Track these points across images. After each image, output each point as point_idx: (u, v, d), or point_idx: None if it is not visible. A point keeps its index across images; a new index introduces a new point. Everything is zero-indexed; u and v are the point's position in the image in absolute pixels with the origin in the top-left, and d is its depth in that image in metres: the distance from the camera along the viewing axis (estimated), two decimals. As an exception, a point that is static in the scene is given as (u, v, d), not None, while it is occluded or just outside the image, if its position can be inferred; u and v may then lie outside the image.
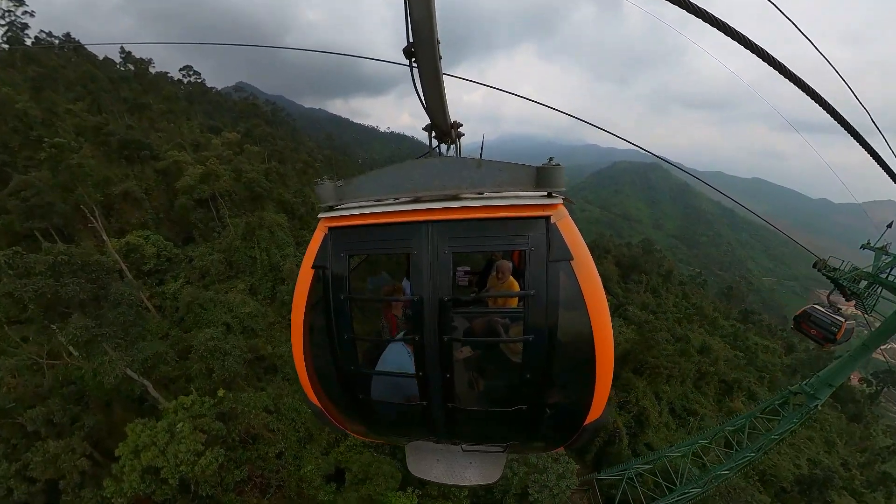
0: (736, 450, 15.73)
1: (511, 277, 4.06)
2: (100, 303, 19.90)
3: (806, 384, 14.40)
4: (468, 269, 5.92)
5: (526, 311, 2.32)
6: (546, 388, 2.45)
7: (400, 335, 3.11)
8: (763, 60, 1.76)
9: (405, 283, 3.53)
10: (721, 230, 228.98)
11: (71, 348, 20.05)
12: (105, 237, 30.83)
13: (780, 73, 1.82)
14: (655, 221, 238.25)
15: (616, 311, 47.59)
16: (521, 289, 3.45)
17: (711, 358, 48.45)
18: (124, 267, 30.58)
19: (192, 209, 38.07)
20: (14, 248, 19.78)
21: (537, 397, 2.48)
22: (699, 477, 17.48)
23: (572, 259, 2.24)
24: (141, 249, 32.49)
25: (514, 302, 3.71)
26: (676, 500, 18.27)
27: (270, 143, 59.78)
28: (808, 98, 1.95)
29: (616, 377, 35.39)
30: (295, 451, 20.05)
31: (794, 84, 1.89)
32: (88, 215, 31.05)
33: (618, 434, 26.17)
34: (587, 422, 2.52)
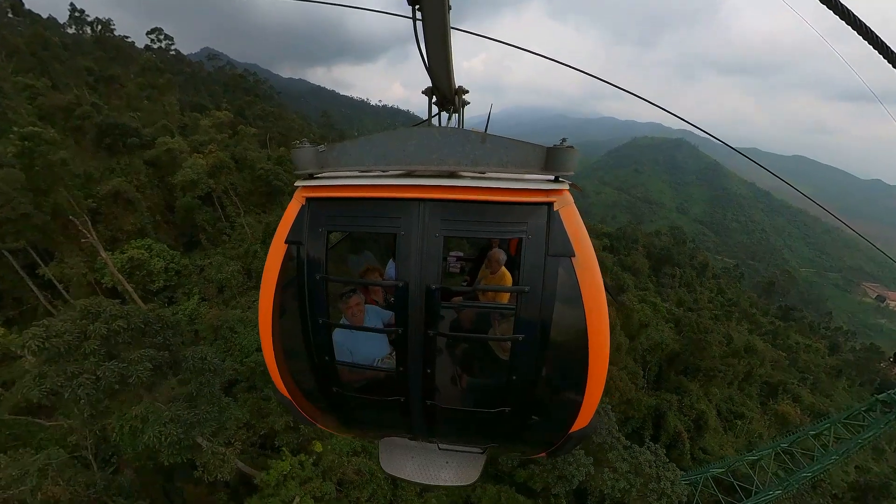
0: (819, 453, 18.18)
1: (503, 269, 4.30)
2: (161, 370, 17.33)
3: (895, 392, 16.70)
4: (461, 254, 6.11)
5: (518, 308, 2.41)
6: (533, 392, 2.56)
7: (343, 320, 3.33)
8: (830, 8, 1.64)
9: (389, 266, 3.58)
10: (754, 215, 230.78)
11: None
12: (103, 254, 28.52)
13: (849, 24, 1.72)
14: (680, 205, 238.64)
15: (653, 307, 49.57)
16: (514, 281, 4.02)
17: (757, 359, 51.40)
18: (129, 289, 28.75)
19: (197, 209, 37.36)
20: (43, 322, 16.16)
21: (522, 401, 2.60)
22: (783, 479, 20.06)
23: (573, 255, 2.33)
24: (147, 265, 30.37)
25: (506, 296, 3.97)
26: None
27: (271, 124, 59.54)
28: (871, 60, 1.86)
29: (664, 379, 38.07)
30: (386, 492, 20.37)
31: (866, 38, 1.78)
32: (80, 227, 28.01)
33: (680, 438, 28.85)
34: (573, 430, 2.69)
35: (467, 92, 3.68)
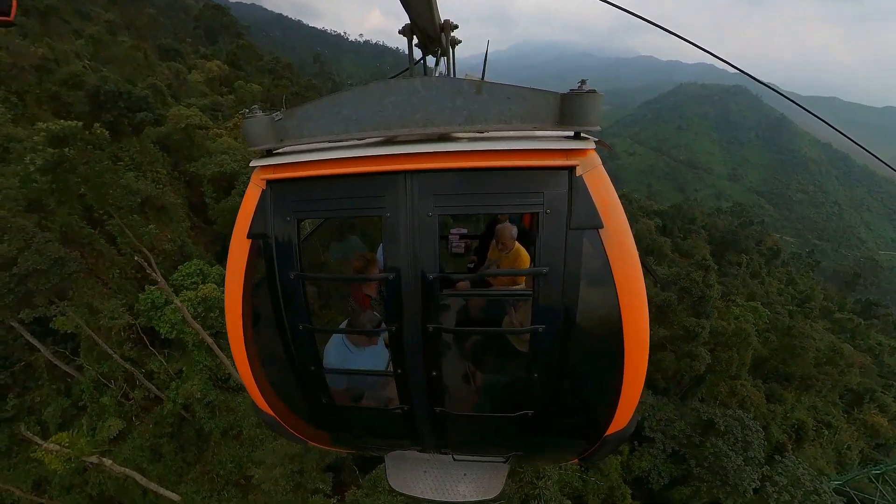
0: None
1: (518, 245, 4.49)
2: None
3: None
4: (464, 230, 6.45)
5: (536, 294, 2.53)
6: (559, 391, 2.75)
7: (343, 323, 3.72)
8: None
9: (380, 252, 3.89)
10: (826, 184, 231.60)
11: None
12: (176, 301, 25.19)
13: None
14: (733, 171, 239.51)
15: (754, 311, 53.99)
16: (531, 258, 4.03)
17: (846, 364, 57.46)
18: (210, 341, 26.43)
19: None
20: None
21: (548, 401, 2.78)
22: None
23: (602, 227, 2.39)
24: (220, 302, 26.38)
25: (524, 277, 4.24)
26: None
27: (287, 81, 59.19)
28: None
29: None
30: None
31: None
32: (144, 266, 24.69)
33: (784, 449, 34.34)
34: (609, 432, 2.91)
35: (456, 27, 3.69)
